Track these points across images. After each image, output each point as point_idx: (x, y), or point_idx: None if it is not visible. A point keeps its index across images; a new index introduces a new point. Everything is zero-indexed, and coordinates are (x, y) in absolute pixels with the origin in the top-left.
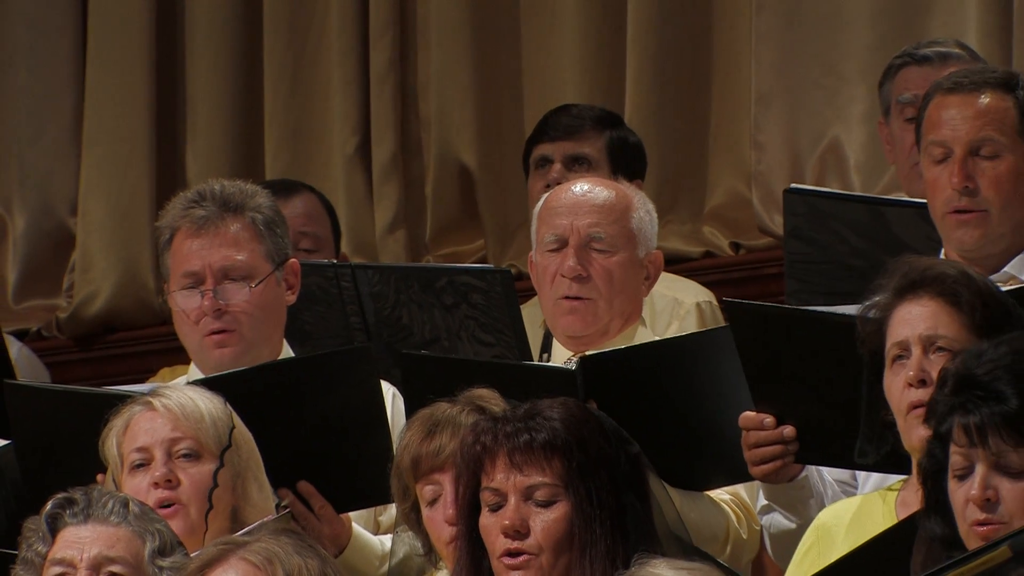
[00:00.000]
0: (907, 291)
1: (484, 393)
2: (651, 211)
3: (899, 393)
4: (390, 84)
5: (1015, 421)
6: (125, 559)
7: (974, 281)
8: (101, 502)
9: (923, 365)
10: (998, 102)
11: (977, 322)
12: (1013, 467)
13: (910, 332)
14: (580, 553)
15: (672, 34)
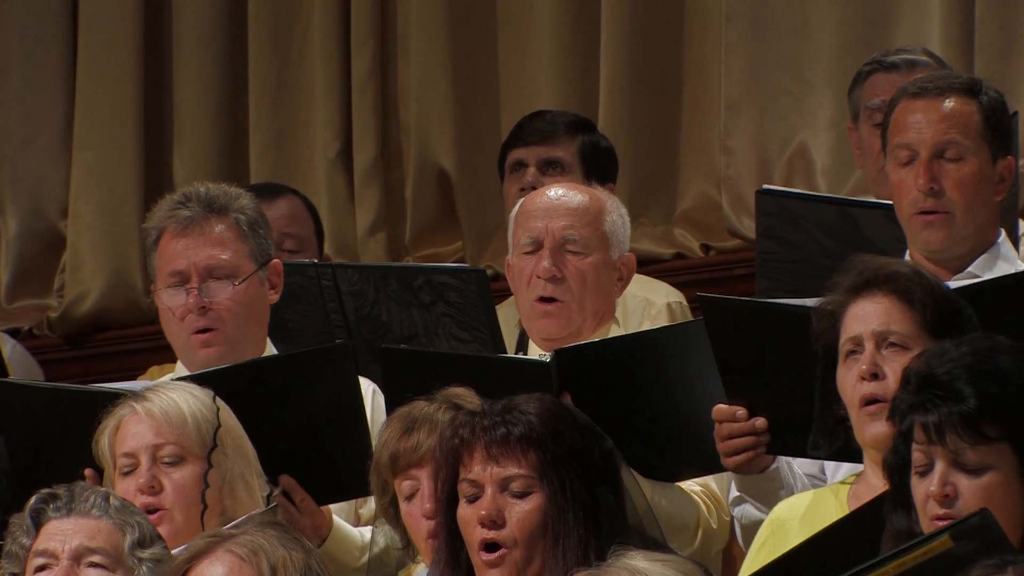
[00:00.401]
0: (861, 288)
1: (460, 391)
2: (623, 214)
3: (852, 387)
4: (371, 91)
5: (972, 420)
6: (105, 550)
7: (926, 280)
8: (83, 496)
9: (875, 360)
10: (962, 106)
11: (928, 319)
12: (970, 464)
13: (863, 328)
14: (553, 543)
15: (644, 42)
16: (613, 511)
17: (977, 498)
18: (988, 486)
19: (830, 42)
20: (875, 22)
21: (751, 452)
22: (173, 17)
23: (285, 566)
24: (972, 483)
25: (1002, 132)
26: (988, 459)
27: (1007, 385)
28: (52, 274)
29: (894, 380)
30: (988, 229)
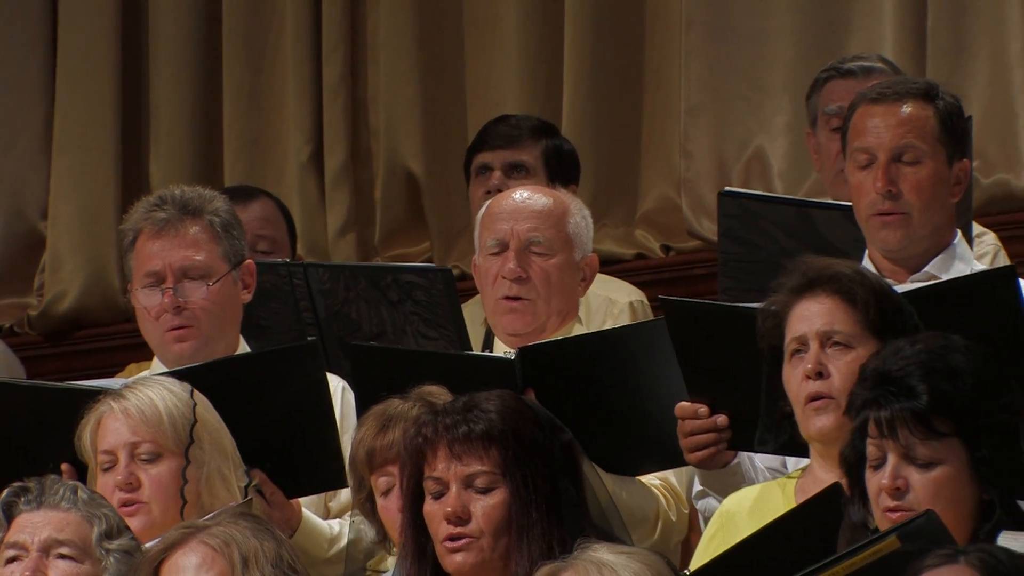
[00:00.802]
0: (805, 289)
1: (434, 389)
2: (587, 216)
3: (797, 385)
4: (341, 96)
5: (924, 416)
6: (73, 541)
7: (868, 280)
8: (52, 489)
9: (820, 359)
10: (919, 111)
11: (871, 318)
12: (921, 459)
13: (808, 328)
14: (518, 536)
15: (606, 49)
16: (575, 503)
17: (927, 492)
18: (938, 480)
19: (787, 49)
20: (830, 30)
21: (713, 448)
22: (150, 24)
23: (256, 556)
24: (923, 477)
25: (958, 136)
26: (939, 454)
27: (959, 383)
28: (32, 273)
29: (838, 378)
30: (945, 230)
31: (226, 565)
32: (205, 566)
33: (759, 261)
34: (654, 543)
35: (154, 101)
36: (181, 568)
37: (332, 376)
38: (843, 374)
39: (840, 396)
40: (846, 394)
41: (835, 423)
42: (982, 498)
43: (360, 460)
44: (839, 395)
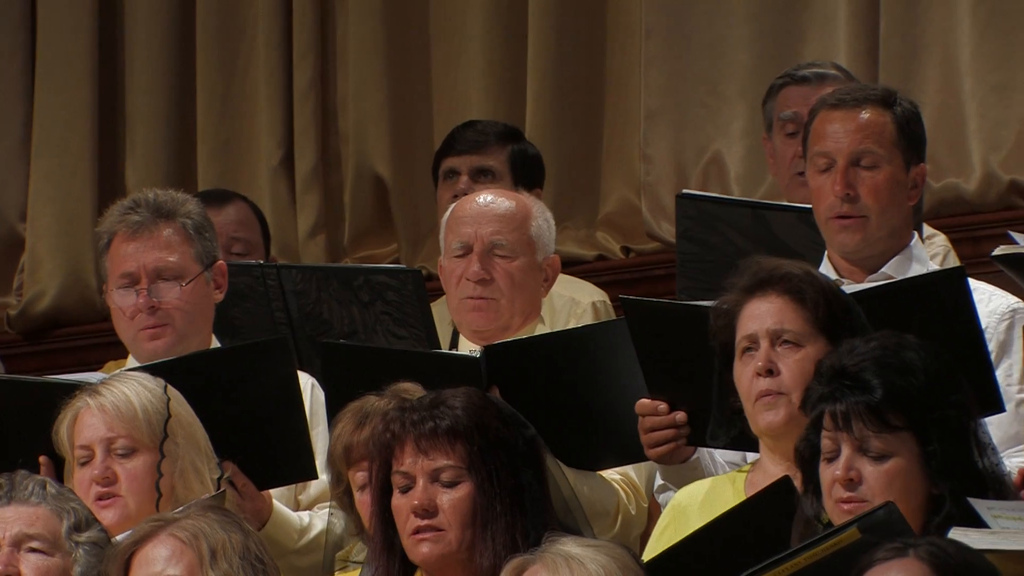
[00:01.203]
0: (756, 289)
1: (408, 386)
2: (549, 219)
3: (748, 382)
4: (311, 102)
5: (878, 409)
6: (43, 535)
7: (817, 280)
8: (22, 485)
9: (770, 356)
10: (878, 117)
11: (820, 317)
12: (874, 451)
13: (758, 326)
14: (482, 528)
15: (569, 57)
16: (537, 496)
17: (880, 483)
18: (890, 472)
19: (743, 57)
20: (786, 38)
21: (672, 444)
22: (126, 32)
23: (224, 548)
24: (875, 469)
25: (915, 141)
26: (891, 447)
27: (913, 378)
28: (11, 274)
29: (788, 375)
30: (902, 232)
31: (195, 557)
32: (174, 559)
33: (716, 261)
34: (614, 536)
35: (130, 107)
36: (151, 561)
37: (302, 374)
38: (792, 371)
39: (790, 393)
40: (795, 391)
41: (784, 418)
42: (932, 492)
43: (338, 455)
44: (789, 392)
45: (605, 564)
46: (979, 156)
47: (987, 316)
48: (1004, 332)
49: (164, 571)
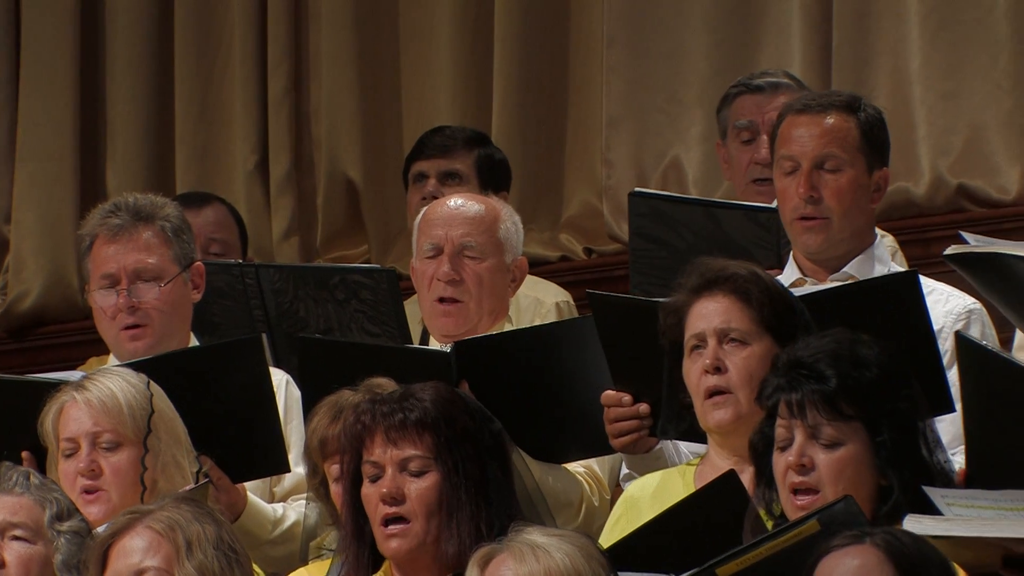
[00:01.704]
0: (703, 289)
1: (381, 381)
2: (517, 222)
3: (696, 379)
4: (285, 109)
5: (832, 399)
6: (26, 524)
7: (762, 280)
8: (6, 476)
9: (718, 354)
10: (842, 122)
11: (765, 316)
12: (826, 439)
13: (706, 325)
14: (448, 516)
15: (533, 65)
16: (502, 487)
17: (831, 471)
18: (841, 460)
19: (701, 65)
20: (742, 47)
21: (636, 434)
22: (106, 42)
23: (199, 539)
24: (827, 456)
25: (878, 145)
26: (843, 435)
27: (865, 371)
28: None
29: (735, 372)
30: (864, 233)
31: (171, 548)
32: (152, 550)
33: (668, 258)
34: (577, 527)
35: (111, 113)
36: (129, 552)
37: (277, 371)
38: (739, 369)
39: (737, 390)
40: (742, 388)
41: (733, 416)
42: (880, 482)
43: (314, 448)
44: (736, 389)
45: (570, 552)
46: (928, 161)
47: (944, 316)
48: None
49: (142, 562)
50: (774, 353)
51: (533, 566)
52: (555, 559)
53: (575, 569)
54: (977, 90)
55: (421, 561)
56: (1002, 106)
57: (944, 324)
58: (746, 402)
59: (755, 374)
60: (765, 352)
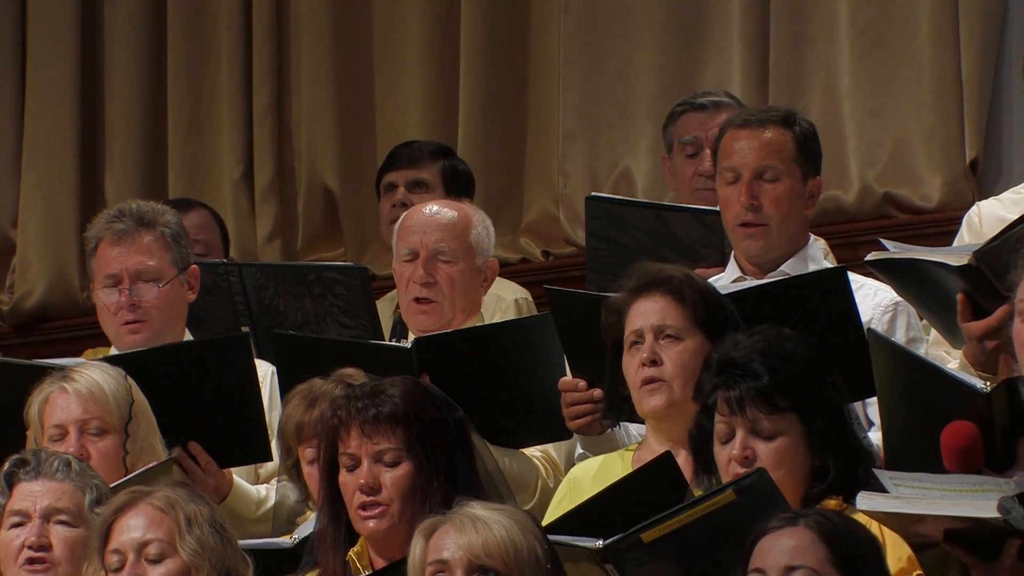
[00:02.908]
0: (641, 290)
1: (351, 371)
2: (488, 227)
3: (634, 371)
4: (269, 123)
5: (767, 394)
6: (70, 509)
7: (695, 282)
8: (48, 462)
9: (654, 349)
10: (779, 136)
11: (698, 315)
12: (765, 432)
13: (644, 323)
14: (422, 502)
15: (496, 83)
16: (467, 472)
17: (772, 459)
18: (780, 449)
19: (649, 84)
20: (686, 67)
21: (590, 417)
22: (105, 60)
23: (196, 517)
24: (767, 447)
25: (812, 156)
26: (780, 427)
27: (794, 365)
28: (4, 274)
29: (670, 365)
30: (799, 236)
31: (172, 523)
32: (155, 525)
33: (621, 257)
34: (534, 506)
35: (108, 126)
36: (132, 528)
37: (263, 363)
38: (674, 362)
39: (671, 380)
40: (676, 378)
41: (666, 402)
42: (815, 464)
43: (289, 433)
44: (670, 379)
45: (507, 525)
46: (857, 171)
47: (872, 308)
48: (887, 322)
49: (145, 536)
50: (706, 348)
51: (472, 537)
52: (493, 531)
53: (511, 541)
54: (902, 106)
55: (394, 539)
56: (924, 121)
57: (873, 316)
58: (679, 390)
59: (688, 366)
60: (698, 347)
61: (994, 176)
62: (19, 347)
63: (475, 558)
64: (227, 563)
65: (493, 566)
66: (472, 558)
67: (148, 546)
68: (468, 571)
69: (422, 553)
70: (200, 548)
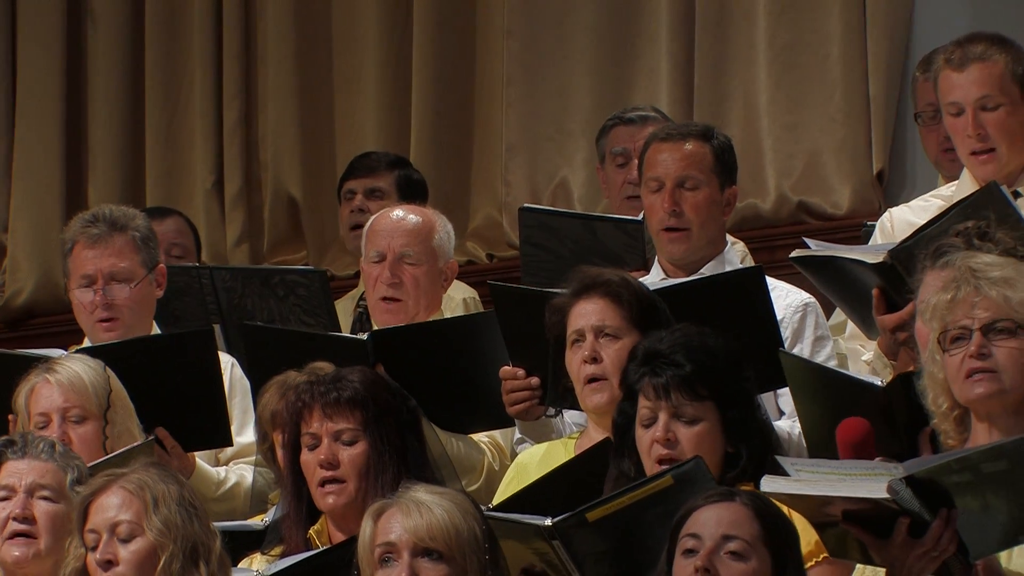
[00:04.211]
0: (582, 292)
1: (323, 365)
2: (449, 232)
3: (577, 368)
4: (238, 137)
5: (690, 382)
6: (52, 485)
7: (631, 284)
8: (34, 443)
9: (594, 347)
10: (698, 148)
11: (634, 315)
12: (687, 417)
13: (585, 322)
14: (375, 479)
15: (445, 100)
16: (417, 454)
17: (691, 443)
18: (699, 434)
19: (585, 101)
20: (618, 86)
21: (528, 403)
22: (88, 79)
23: (164, 497)
24: (688, 431)
25: (728, 167)
26: (699, 413)
27: (714, 358)
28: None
29: (609, 362)
30: (718, 241)
31: (141, 505)
32: (125, 506)
33: (553, 262)
34: (480, 486)
35: (91, 139)
36: (106, 508)
37: (225, 355)
38: (612, 359)
39: (611, 376)
40: (615, 374)
41: (608, 399)
42: (727, 451)
43: (265, 419)
44: (610, 375)
45: (449, 508)
46: (774, 182)
47: (784, 308)
48: (798, 322)
49: (117, 516)
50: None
51: (417, 519)
52: (436, 514)
53: (453, 523)
54: (814, 122)
55: (351, 514)
56: (835, 136)
57: (784, 315)
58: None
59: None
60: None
61: (899, 186)
62: (9, 340)
63: (420, 541)
64: (193, 538)
65: (436, 547)
66: (417, 541)
67: (119, 526)
68: (413, 553)
69: (371, 534)
70: (165, 528)
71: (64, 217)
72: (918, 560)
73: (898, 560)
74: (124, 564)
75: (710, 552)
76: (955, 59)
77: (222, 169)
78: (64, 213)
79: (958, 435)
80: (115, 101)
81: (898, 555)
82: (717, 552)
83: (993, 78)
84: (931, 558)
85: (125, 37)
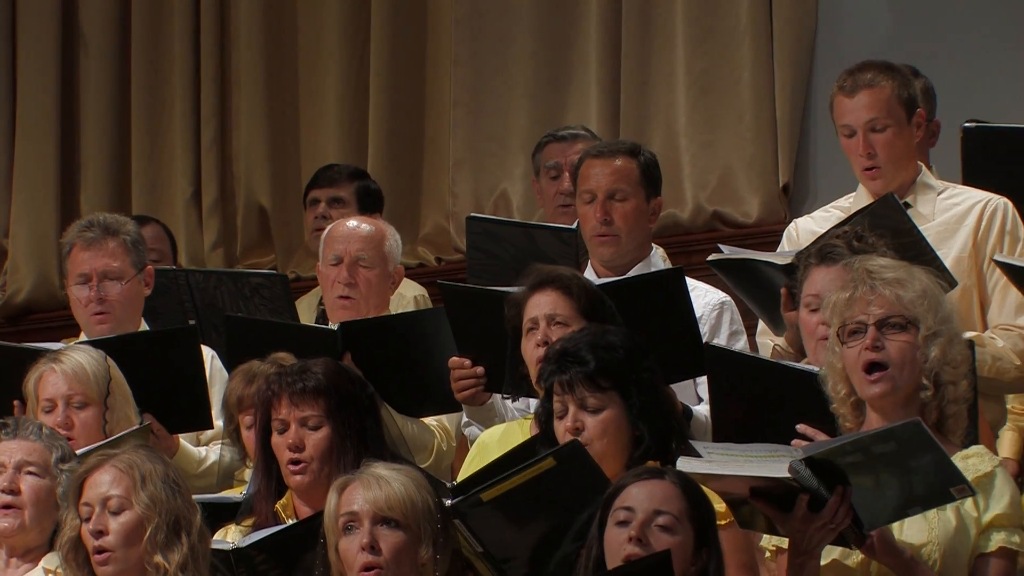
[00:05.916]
0: (537, 286)
1: (283, 355)
2: (398, 240)
3: (531, 352)
4: (214, 153)
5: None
6: (38, 463)
7: (580, 280)
8: (23, 425)
9: (547, 333)
10: (626, 163)
11: (583, 306)
12: (591, 407)
13: (539, 312)
14: (338, 460)
15: (399, 120)
16: (376, 436)
17: (597, 430)
18: (604, 421)
19: (523, 121)
20: (553, 107)
21: (474, 389)
22: (81, 100)
23: (151, 475)
24: (594, 419)
25: (654, 181)
26: (603, 403)
27: (615, 353)
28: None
29: None
30: (644, 246)
31: (130, 482)
32: (115, 482)
33: (496, 266)
34: (431, 464)
35: (84, 155)
36: (98, 484)
37: (206, 348)
38: None
39: None
40: None
41: None
42: (634, 433)
43: (232, 403)
44: None
45: (405, 483)
46: (691, 193)
47: (703, 307)
48: (715, 319)
49: (108, 491)
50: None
51: (377, 492)
52: (393, 487)
53: (409, 496)
54: (727, 141)
55: (316, 492)
56: (746, 152)
57: (703, 312)
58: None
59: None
60: None
61: (802, 197)
62: (10, 334)
63: (379, 511)
64: (176, 512)
65: (394, 516)
66: (376, 510)
67: (110, 500)
68: (373, 521)
69: (336, 505)
70: (151, 503)
71: (59, 224)
72: (817, 532)
73: (799, 532)
74: (114, 534)
75: (642, 524)
76: (847, 86)
77: (200, 181)
78: (59, 220)
79: (855, 419)
80: (105, 121)
81: (799, 527)
82: (648, 524)
83: (881, 102)
84: (829, 530)
85: (114, 64)
